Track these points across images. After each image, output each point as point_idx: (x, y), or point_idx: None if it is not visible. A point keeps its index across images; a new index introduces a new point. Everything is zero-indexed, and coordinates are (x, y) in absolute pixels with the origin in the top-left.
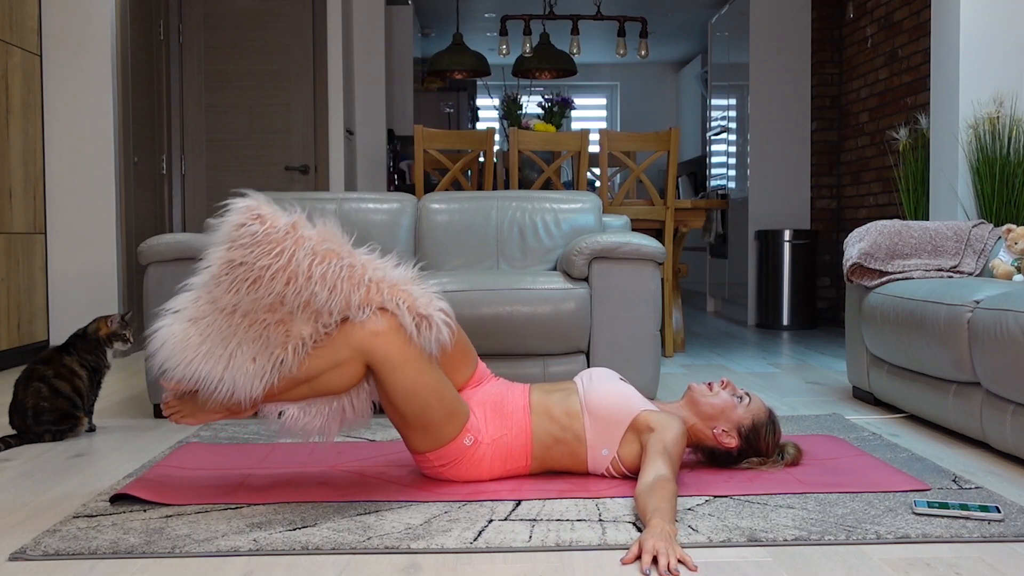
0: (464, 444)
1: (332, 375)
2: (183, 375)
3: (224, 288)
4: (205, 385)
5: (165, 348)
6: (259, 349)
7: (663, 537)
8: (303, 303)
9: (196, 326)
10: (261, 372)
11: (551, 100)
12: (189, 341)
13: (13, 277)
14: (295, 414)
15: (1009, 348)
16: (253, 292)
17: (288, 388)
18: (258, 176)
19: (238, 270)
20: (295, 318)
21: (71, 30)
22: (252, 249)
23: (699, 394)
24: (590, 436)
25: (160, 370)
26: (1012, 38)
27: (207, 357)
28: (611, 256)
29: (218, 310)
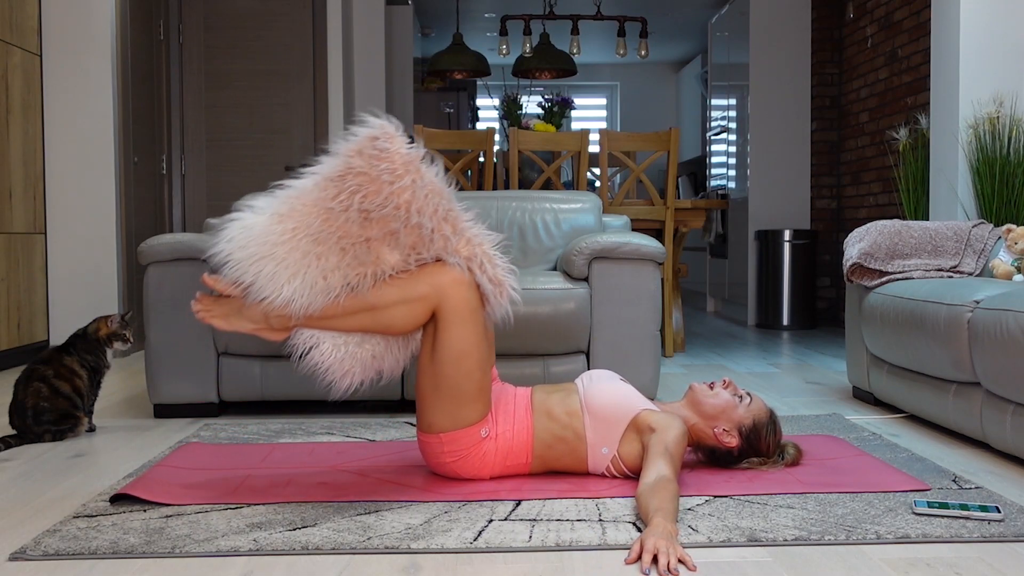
0: (479, 435)
1: (400, 309)
2: (245, 272)
3: (331, 193)
4: (263, 288)
5: (239, 238)
6: (337, 264)
7: (664, 536)
8: (403, 229)
9: (281, 223)
10: (328, 289)
11: (551, 100)
12: (268, 238)
13: (13, 277)
14: (328, 350)
15: (1009, 348)
16: (361, 203)
17: (349, 313)
18: (258, 176)
19: (355, 179)
20: (387, 244)
21: (71, 30)
22: (377, 164)
23: (700, 393)
24: (590, 435)
25: (224, 260)
26: (1012, 38)
27: (280, 260)
28: (611, 256)
29: (313, 213)
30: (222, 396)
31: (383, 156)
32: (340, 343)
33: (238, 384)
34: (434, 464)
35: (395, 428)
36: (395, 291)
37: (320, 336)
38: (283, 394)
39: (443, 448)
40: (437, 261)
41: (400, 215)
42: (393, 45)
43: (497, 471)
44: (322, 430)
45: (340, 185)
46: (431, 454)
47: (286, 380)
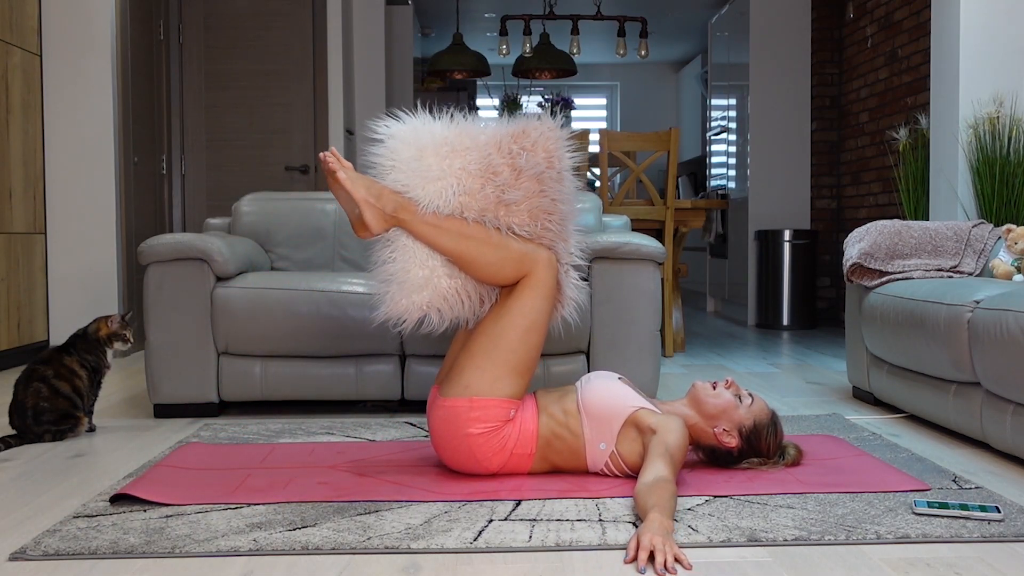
0: (508, 413)
1: (497, 252)
2: (395, 159)
3: (501, 143)
4: (405, 179)
5: (406, 132)
6: (476, 192)
7: (659, 532)
8: (540, 204)
9: (447, 143)
10: (458, 208)
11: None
12: (429, 145)
13: (13, 277)
14: (409, 268)
15: (1009, 348)
16: (522, 161)
17: (458, 231)
18: (258, 176)
19: (528, 143)
20: (523, 207)
21: (71, 30)
22: (544, 142)
23: (702, 392)
24: (587, 432)
25: (385, 138)
26: (1012, 38)
27: (429, 166)
28: (611, 256)
29: (476, 151)
30: (222, 396)
31: (556, 150)
32: (423, 266)
33: (238, 384)
34: (450, 438)
35: (395, 428)
36: (502, 238)
37: (407, 253)
38: (283, 394)
39: (470, 414)
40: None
41: (544, 194)
42: (393, 45)
43: (504, 460)
44: (322, 430)
45: (511, 143)
46: (454, 423)
47: (286, 380)
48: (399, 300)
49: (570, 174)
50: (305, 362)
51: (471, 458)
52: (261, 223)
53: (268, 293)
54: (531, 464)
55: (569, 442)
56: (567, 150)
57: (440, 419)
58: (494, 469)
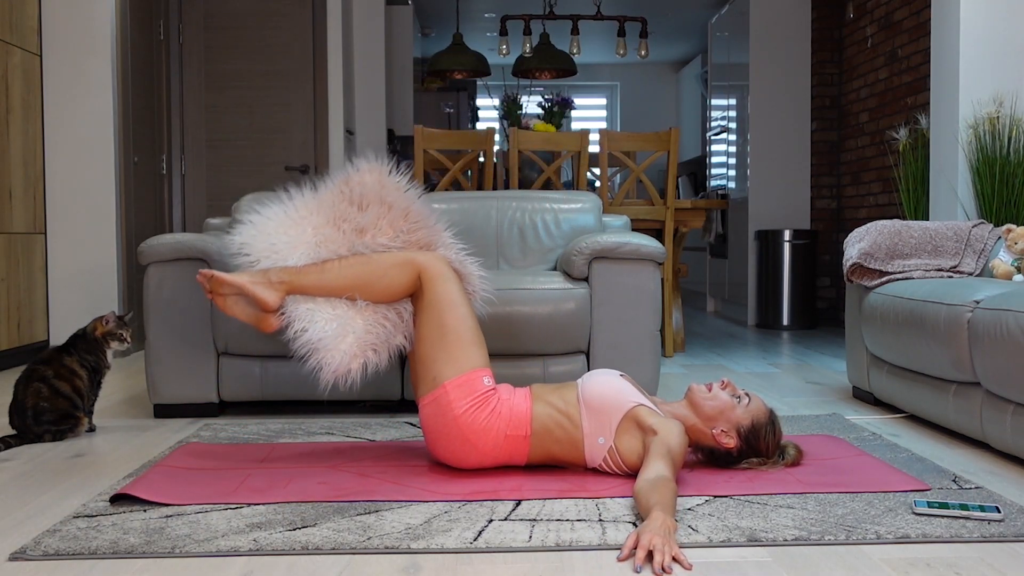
0: (483, 382)
1: (387, 266)
2: (256, 253)
3: (335, 195)
4: (270, 260)
5: (255, 228)
6: (334, 238)
7: (661, 532)
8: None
9: (288, 216)
10: (326, 255)
11: (551, 100)
12: (279, 226)
13: (13, 277)
14: (321, 325)
15: (1009, 348)
16: (358, 199)
17: (343, 268)
18: (258, 176)
19: (356, 187)
20: (379, 229)
21: (71, 30)
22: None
23: (699, 394)
24: (586, 424)
25: (240, 244)
26: (1012, 38)
27: (287, 236)
28: (611, 256)
29: (317, 209)
30: (222, 396)
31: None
32: (333, 316)
33: (238, 384)
34: (441, 428)
35: (395, 428)
36: (386, 256)
37: (313, 315)
38: (283, 394)
39: (450, 397)
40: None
41: (391, 208)
42: (393, 45)
43: (500, 443)
44: (322, 430)
45: (342, 187)
46: (439, 413)
47: (286, 380)
48: (331, 361)
49: (404, 185)
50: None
51: (465, 443)
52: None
53: None
54: (528, 449)
55: (568, 431)
56: (384, 171)
57: (427, 416)
58: (489, 451)
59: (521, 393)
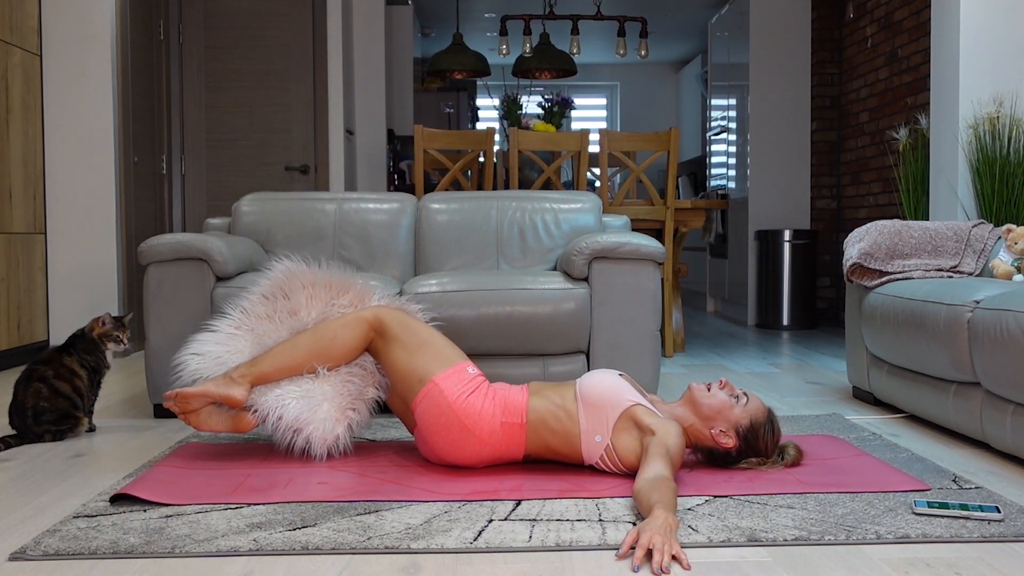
0: (467, 372)
1: (337, 328)
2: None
3: (260, 300)
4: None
5: (194, 358)
6: (269, 330)
7: (661, 530)
8: (315, 293)
9: (229, 329)
10: (265, 346)
11: (551, 100)
12: (213, 338)
13: (13, 277)
14: (296, 405)
15: (1009, 348)
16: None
17: (292, 343)
18: (258, 176)
19: (278, 289)
20: (310, 305)
21: (71, 30)
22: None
23: (698, 393)
24: (583, 421)
25: (191, 377)
26: (1012, 38)
27: (233, 346)
28: (611, 256)
29: (250, 318)
30: None
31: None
32: (300, 394)
33: None
34: (436, 420)
35: (395, 428)
36: (331, 322)
37: (283, 399)
38: None
39: (441, 388)
40: None
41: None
42: (393, 45)
43: (496, 430)
44: None
45: (262, 293)
46: (433, 406)
47: None
48: (317, 434)
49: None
50: None
51: (463, 430)
52: (261, 223)
53: None
54: (525, 438)
55: (566, 424)
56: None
57: (422, 414)
58: (487, 438)
59: (517, 387)
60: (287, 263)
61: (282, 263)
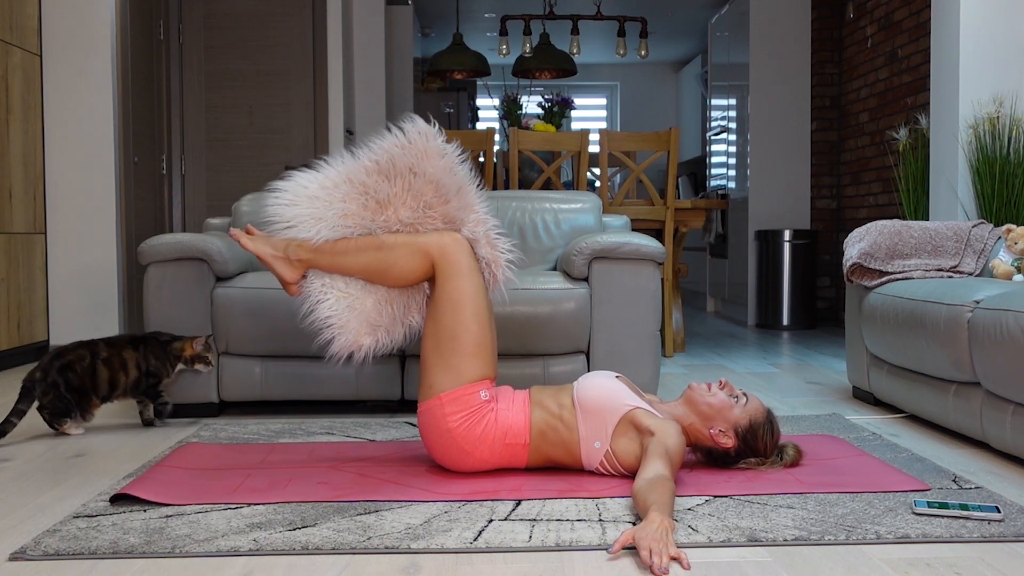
0: (479, 396)
1: (403, 252)
2: (284, 217)
3: (367, 166)
4: (295, 230)
5: (291, 196)
6: (357, 211)
7: (657, 535)
8: (418, 186)
9: (321, 184)
10: (346, 227)
11: (551, 100)
12: (310, 193)
13: (13, 277)
14: (332, 303)
15: (1009, 348)
16: (398, 152)
17: (359, 248)
18: (258, 176)
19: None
20: (403, 199)
21: (71, 30)
22: (417, 141)
23: (698, 393)
24: (582, 428)
25: (273, 210)
26: (1012, 38)
27: (312, 207)
28: (611, 256)
29: (347, 180)
30: (222, 396)
31: (422, 139)
32: (343, 294)
33: (238, 384)
34: (436, 439)
35: (395, 428)
36: (401, 237)
37: (326, 291)
38: (283, 394)
39: (444, 410)
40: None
41: (420, 172)
42: (393, 45)
43: (497, 450)
44: (322, 430)
45: (375, 158)
46: (433, 424)
47: (286, 380)
48: (340, 339)
49: (445, 152)
50: (305, 362)
51: (460, 451)
52: (261, 223)
53: (268, 293)
54: (527, 455)
55: (563, 435)
56: (433, 137)
57: (423, 424)
58: (486, 457)
59: (520, 400)
60: (420, 124)
61: (415, 124)
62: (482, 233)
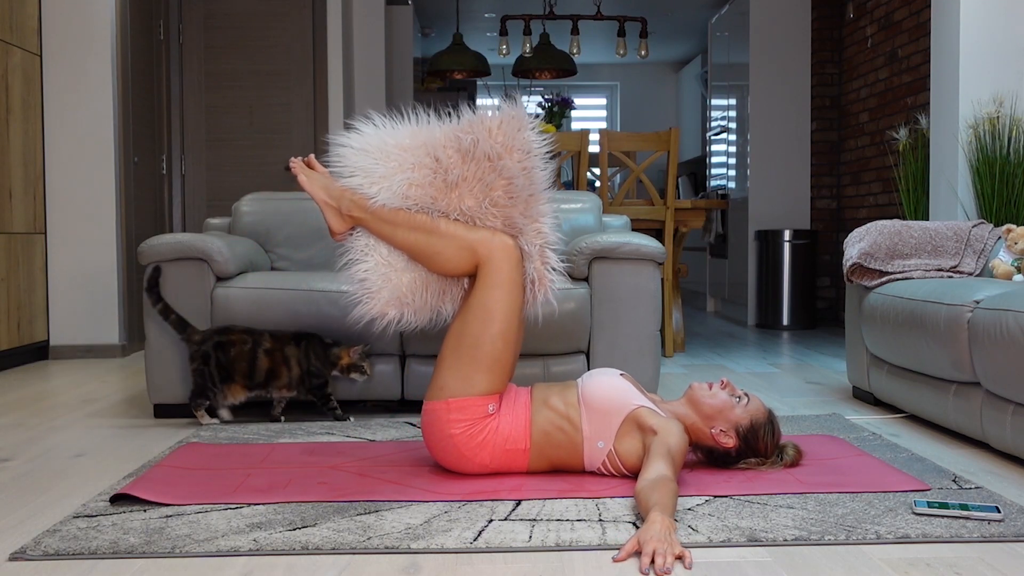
0: (487, 409)
1: (451, 244)
2: (350, 164)
3: (454, 129)
4: (359, 181)
5: (363, 138)
6: (423, 183)
7: (661, 535)
8: (492, 183)
9: (398, 141)
10: (406, 198)
11: (551, 100)
12: (382, 147)
13: (13, 277)
14: (371, 266)
15: (1009, 348)
16: (479, 140)
17: (410, 226)
18: (258, 176)
19: (480, 128)
20: (470, 189)
21: (71, 30)
22: (505, 128)
23: (699, 392)
24: (586, 428)
25: (343, 148)
26: (1012, 38)
27: (381, 164)
28: (611, 256)
29: (424, 149)
30: None
31: (512, 126)
32: (384, 262)
33: None
34: (436, 440)
35: (395, 428)
36: (455, 227)
37: (368, 253)
38: None
39: (449, 416)
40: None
41: (496, 166)
42: (393, 45)
43: (497, 456)
44: (322, 430)
45: (466, 128)
46: (436, 426)
47: None
48: (367, 306)
49: (531, 150)
50: None
51: (460, 456)
52: (261, 223)
53: (268, 293)
54: (527, 460)
55: (569, 434)
56: (525, 128)
57: (425, 423)
58: (486, 462)
59: (522, 401)
60: (514, 108)
61: (511, 106)
62: (537, 248)
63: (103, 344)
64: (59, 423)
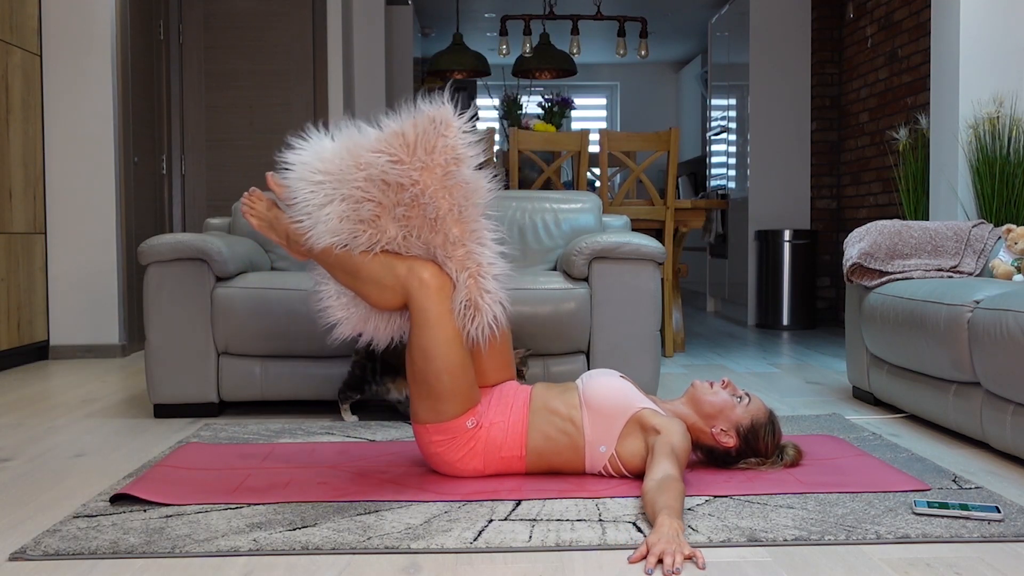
0: (465, 426)
1: (374, 287)
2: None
3: (373, 147)
4: (298, 208)
5: (305, 152)
6: (350, 213)
7: (669, 537)
8: (409, 205)
9: (334, 148)
10: (337, 232)
11: (551, 100)
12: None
13: (13, 277)
14: (332, 292)
15: (1009, 348)
16: (391, 167)
17: (337, 266)
18: (258, 176)
19: (398, 146)
20: (393, 214)
21: (71, 30)
22: (423, 142)
23: (701, 391)
24: (588, 431)
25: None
26: (1012, 38)
27: (318, 185)
28: (611, 256)
29: (355, 163)
30: (222, 396)
31: (432, 140)
32: (340, 289)
33: (238, 384)
34: (426, 455)
35: (395, 428)
36: (376, 267)
37: (326, 279)
38: (283, 394)
39: (430, 437)
40: (430, 260)
41: (413, 193)
42: (393, 45)
43: (491, 463)
44: (322, 430)
45: (385, 144)
46: (421, 444)
47: (286, 380)
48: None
49: (459, 157)
50: (305, 362)
51: (451, 467)
52: None
53: (268, 293)
54: (524, 465)
55: (572, 436)
56: (451, 133)
57: (416, 438)
58: (479, 468)
59: (519, 405)
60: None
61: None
62: (465, 276)
63: (103, 344)
64: (59, 423)
